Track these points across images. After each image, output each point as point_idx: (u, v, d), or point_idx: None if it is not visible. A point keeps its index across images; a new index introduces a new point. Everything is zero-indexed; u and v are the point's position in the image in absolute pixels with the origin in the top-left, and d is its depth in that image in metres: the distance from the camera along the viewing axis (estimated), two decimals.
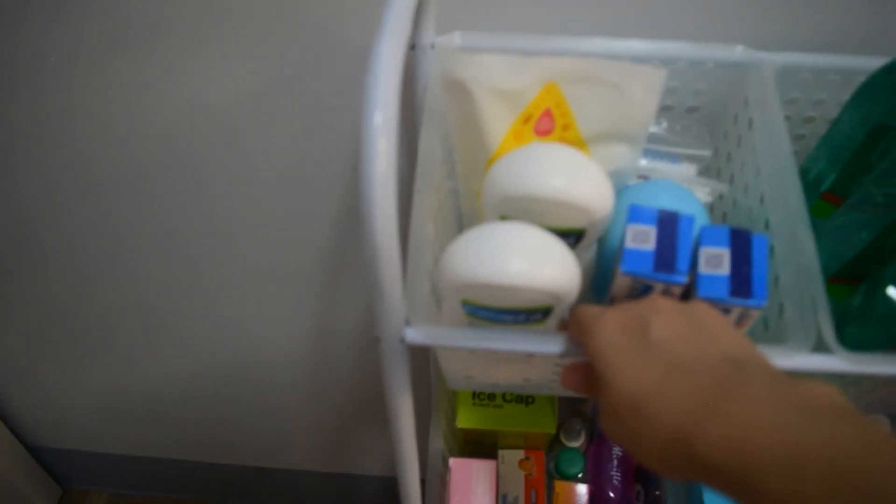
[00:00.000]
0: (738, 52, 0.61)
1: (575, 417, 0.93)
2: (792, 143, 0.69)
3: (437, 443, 0.83)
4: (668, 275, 0.48)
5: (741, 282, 0.47)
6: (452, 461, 0.78)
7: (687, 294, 0.50)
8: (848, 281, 0.59)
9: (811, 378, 0.36)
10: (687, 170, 0.64)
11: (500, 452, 0.83)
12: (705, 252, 0.48)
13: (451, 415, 0.80)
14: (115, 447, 1.52)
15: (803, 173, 0.66)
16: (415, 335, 0.49)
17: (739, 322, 0.49)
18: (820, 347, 0.49)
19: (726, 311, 0.48)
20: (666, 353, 0.39)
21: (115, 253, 1.03)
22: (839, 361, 0.49)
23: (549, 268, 0.47)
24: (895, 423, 0.80)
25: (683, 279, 0.48)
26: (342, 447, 1.41)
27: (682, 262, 0.48)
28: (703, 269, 0.48)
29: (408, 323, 0.49)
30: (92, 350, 1.25)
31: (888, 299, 0.53)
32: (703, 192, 0.61)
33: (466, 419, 0.77)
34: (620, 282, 0.49)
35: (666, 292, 0.49)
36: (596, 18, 0.66)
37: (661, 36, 0.65)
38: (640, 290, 0.49)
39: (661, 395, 0.37)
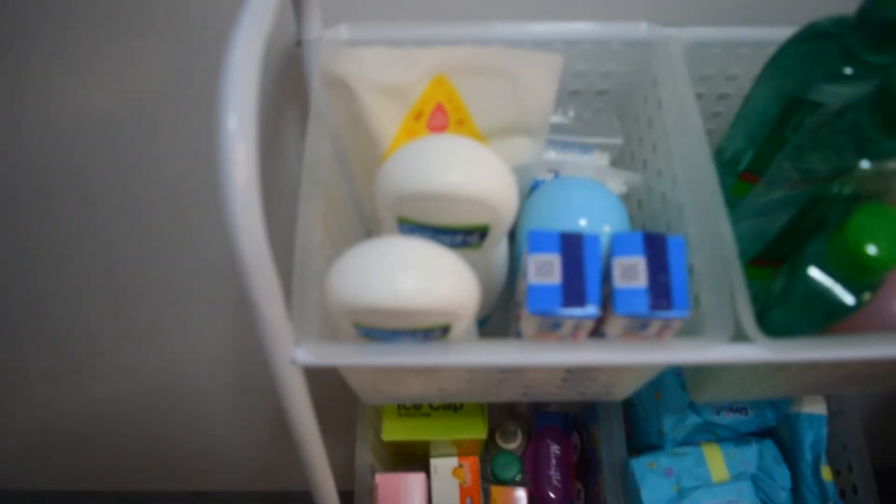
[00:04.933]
0: (643, 29, 0.58)
1: (510, 419, 0.90)
2: (708, 121, 0.66)
3: (365, 456, 0.79)
4: (578, 308, 0.43)
5: (660, 293, 0.43)
6: (378, 477, 0.74)
7: (602, 318, 0.45)
8: (770, 263, 0.56)
9: None
10: (599, 159, 0.61)
11: (432, 462, 0.79)
12: (619, 263, 0.44)
13: (378, 426, 0.76)
14: (42, 483, 1.44)
15: (720, 153, 0.64)
16: (306, 356, 0.45)
17: (660, 333, 0.46)
18: (740, 336, 0.47)
19: (644, 325, 0.45)
20: None
21: (22, 277, 0.96)
22: (760, 350, 0.46)
23: (441, 285, 0.42)
24: (830, 404, 0.79)
25: (595, 312, 0.43)
26: (274, 463, 1.37)
27: (592, 291, 0.44)
28: (619, 282, 0.43)
29: (297, 343, 0.45)
30: (6, 383, 1.18)
31: (810, 280, 0.51)
32: (616, 184, 0.58)
33: (391, 431, 0.72)
34: (528, 320, 0.45)
35: (578, 326, 0.45)
36: (495, 2, 0.62)
37: (564, 17, 0.61)
38: (551, 326, 0.45)
39: None
